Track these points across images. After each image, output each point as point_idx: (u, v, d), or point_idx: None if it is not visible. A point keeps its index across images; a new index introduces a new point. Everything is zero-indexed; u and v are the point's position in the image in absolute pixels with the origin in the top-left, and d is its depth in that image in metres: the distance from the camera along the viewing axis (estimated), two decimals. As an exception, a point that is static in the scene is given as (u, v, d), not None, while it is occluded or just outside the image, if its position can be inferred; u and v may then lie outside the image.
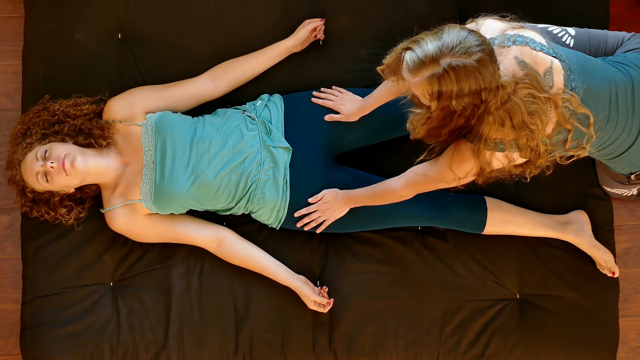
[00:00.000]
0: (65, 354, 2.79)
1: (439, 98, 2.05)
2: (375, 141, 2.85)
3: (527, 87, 2.12)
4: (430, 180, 2.41)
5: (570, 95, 2.20)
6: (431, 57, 2.03)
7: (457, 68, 2.00)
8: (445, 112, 2.10)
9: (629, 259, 3.08)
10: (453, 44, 2.02)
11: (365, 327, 2.84)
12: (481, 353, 2.86)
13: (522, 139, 2.15)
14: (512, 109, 2.09)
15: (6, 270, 3.04)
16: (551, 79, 2.22)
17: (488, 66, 2.03)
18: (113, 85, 2.87)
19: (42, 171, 2.62)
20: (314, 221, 2.73)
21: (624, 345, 3.04)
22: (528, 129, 2.12)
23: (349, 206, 2.71)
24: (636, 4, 3.15)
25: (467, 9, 2.90)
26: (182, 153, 2.69)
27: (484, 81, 2.03)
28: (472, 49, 2.02)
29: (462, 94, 2.03)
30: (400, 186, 2.52)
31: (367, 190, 2.65)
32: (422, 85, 2.05)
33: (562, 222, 2.87)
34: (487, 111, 2.08)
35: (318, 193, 2.72)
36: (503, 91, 2.07)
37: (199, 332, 2.82)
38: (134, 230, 2.75)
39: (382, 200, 2.63)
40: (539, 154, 2.19)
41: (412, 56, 2.06)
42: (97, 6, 2.89)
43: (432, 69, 2.03)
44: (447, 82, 2.01)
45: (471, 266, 2.88)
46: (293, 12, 2.91)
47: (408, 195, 2.55)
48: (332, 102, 2.77)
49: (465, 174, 2.30)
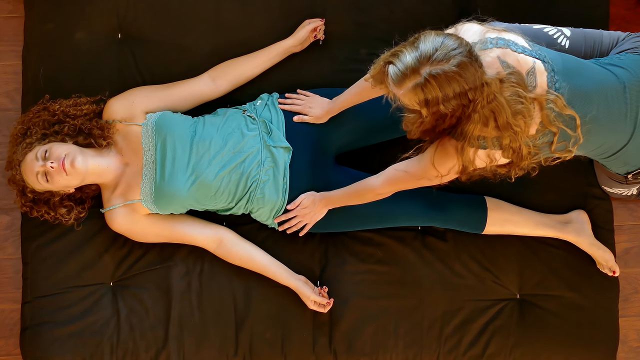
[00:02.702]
0: (65, 354, 2.79)
1: (427, 105, 2.08)
2: (374, 141, 2.85)
3: (512, 85, 2.13)
4: (412, 177, 2.41)
5: (555, 96, 2.21)
6: (411, 68, 2.05)
7: (437, 75, 2.03)
8: (437, 116, 2.13)
9: (629, 259, 3.08)
10: (430, 52, 2.05)
11: (365, 327, 2.84)
12: (481, 353, 2.86)
13: (505, 139, 2.16)
14: (496, 108, 2.10)
15: (6, 270, 3.04)
16: (534, 80, 2.22)
17: (468, 67, 2.05)
18: (113, 85, 2.87)
19: (42, 171, 2.62)
20: (295, 226, 2.75)
21: (624, 345, 3.04)
22: (512, 130, 2.13)
23: (327, 207, 2.72)
24: (636, 4, 3.15)
25: (468, 9, 2.90)
26: (183, 153, 2.69)
27: (467, 82, 2.05)
28: (449, 54, 2.04)
29: (448, 98, 2.06)
30: (379, 184, 2.52)
31: (345, 190, 2.65)
32: (409, 96, 2.08)
33: (562, 221, 2.87)
34: (474, 109, 2.10)
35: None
36: (488, 89, 2.08)
37: (199, 332, 2.82)
38: (134, 230, 2.75)
39: (360, 199, 2.64)
40: (521, 156, 2.20)
41: (394, 69, 2.09)
42: (97, 6, 2.89)
43: (414, 80, 2.05)
44: (431, 90, 2.04)
45: (471, 266, 2.88)
46: (293, 12, 2.91)
47: (387, 193, 2.55)
48: (299, 107, 2.78)
49: (448, 171, 2.30)
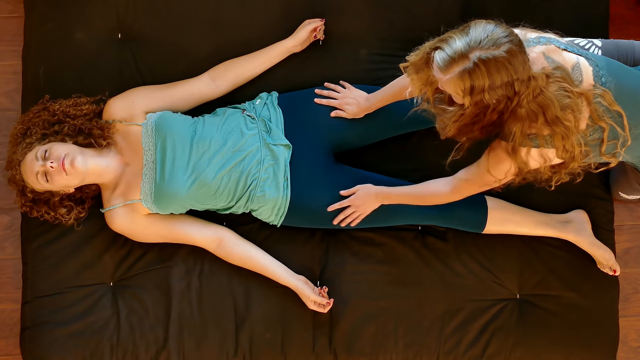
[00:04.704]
0: (65, 354, 2.79)
1: (471, 93, 2.05)
2: (375, 140, 2.85)
3: (558, 80, 2.11)
4: (474, 184, 2.42)
5: (602, 90, 2.18)
6: (460, 53, 2.03)
7: (487, 60, 2.01)
8: (479, 107, 2.10)
9: (629, 259, 3.08)
10: (480, 37, 2.03)
11: (365, 327, 2.84)
12: (481, 353, 2.86)
13: (557, 137, 2.13)
14: (544, 102, 2.08)
15: (6, 270, 3.04)
16: (580, 75, 2.20)
17: (518, 56, 2.03)
18: (113, 85, 2.87)
19: (42, 171, 2.62)
20: (348, 217, 2.74)
21: (624, 345, 3.04)
22: (562, 125, 2.10)
23: (382, 202, 2.71)
24: (636, 4, 3.15)
25: (468, 9, 2.91)
26: (182, 153, 2.69)
27: (515, 72, 2.02)
28: (500, 40, 2.02)
29: (495, 86, 2.03)
30: (448, 191, 2.52)
31: (407, 190, 2.65)
32: (454, 82, 2.06)
33: (562, 221, 2.87)
34: (520, 104, 2.08)
35: (319, 192, 2.72)
36: (535, 83, 2.06)
37: (199, 332, 2.82)
38: (134, 230, 2.75)
39: (422, 201, 2.65)
40: (573, 156, 2.17)
41: (441, 55, 2.07)
42: (97, 6, 2.89)
43: (463, 65, 2.03)
44: (479, 75, 2.02)
45: (471, 266, 2.88)
46: (293, 12, 2.91)
47: (455, 199, 2.55)
48: (337, 102, 2.78)
49: (505, 175, 2.29)
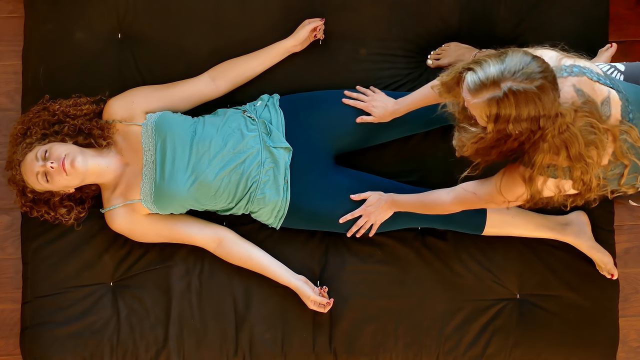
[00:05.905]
0: (65, 354, 2.79)
1: (496, 121, 2.04)
2: (375, 142, 2.85)
3: (586, 115, 2.09)
4: (480, 200, 2.41)
5: (629, 126, 2.16)
6: (492, 79, 2.01)
7: (518, 93, 1.99)
8: (500, 135, 2.09)
9: (629, 259, 3.08)
10: (515, 68, 2.01)
11: (365, 327, 2.84)
12: (481, 353, 2.86)
13: (577, 171, 2.12)
14: (569, 139, 2.06)
15: (6, 270, 3.04)
16: (608, 110, 2.17)
17: (549, 93, 2.00)
18: (113, 85, 2.87)
19: (42, 171, 2.62)
20: (362, 227, 2.74)
21: (624, 345, 3.04)
22: (584, 161, 2.09)
23: (393, 209, 2.70)
24: (636, 4, 3.15)
25: (468, 8, 2.90)
26: (182, 153, 2.69)
27: (544, 108, 2.01)
28: (534, 74, 2.00)
29: (520, 119, 2.02)
30: (449, 201, 2.51)
31: (414, 198, 2.64)
32: (481, 107, 2.04)
33: (561, 223, 2.86)
34: (543, 138, 2.06)
35: (319, 194, 2.72)
36: (562, 119, 2.04)
37: (199, 332, 2.82)
38: (134, 230, 2.75)
39: (428, 210, 2.64)
40: (590, 188, 2.16)
41: (473, 77, 2.05)
42: (97, 6, 2.89)
43: (493, 92, 2.01)
44: (507, 105, 2.00)
45: (471, 266, 2.88)
46: (293, 12, 2.90)
47: (456, 210, 2.54)
48: (364, 104, 2.76)
49: (516, 199, 2.27)
